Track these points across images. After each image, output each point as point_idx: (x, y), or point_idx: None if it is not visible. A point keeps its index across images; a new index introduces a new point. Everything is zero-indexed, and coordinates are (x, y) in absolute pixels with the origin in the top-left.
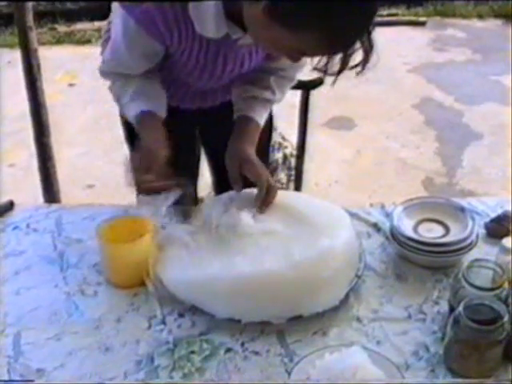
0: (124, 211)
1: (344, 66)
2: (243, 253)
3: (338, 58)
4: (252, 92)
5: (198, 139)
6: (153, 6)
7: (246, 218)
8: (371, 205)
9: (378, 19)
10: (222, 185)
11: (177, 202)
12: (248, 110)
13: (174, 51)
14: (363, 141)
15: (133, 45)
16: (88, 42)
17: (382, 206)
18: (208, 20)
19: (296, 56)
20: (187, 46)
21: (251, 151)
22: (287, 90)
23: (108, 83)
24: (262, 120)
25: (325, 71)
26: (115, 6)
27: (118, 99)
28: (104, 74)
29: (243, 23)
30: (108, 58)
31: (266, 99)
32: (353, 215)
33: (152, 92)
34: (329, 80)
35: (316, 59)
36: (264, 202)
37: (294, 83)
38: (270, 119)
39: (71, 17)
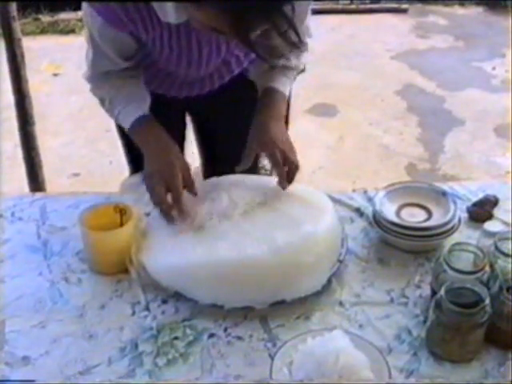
0: (107, 198)
1: (265, 50)
2: (226, 239)
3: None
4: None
5: (186, 125)
6: None
7: (228, 204)
8: (354, 190)
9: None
10: (210, 169)
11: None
12: (268, 81)
13: (146, 41)
14: (346, 127)
15: (106, 40)
16: (72, 31)
17: (365, 191)
18: (167, 6)
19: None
20: (156, 34)
21: (276, 128)
22: (303, 56)
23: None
24: (285, 89)
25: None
26: (84, 6)
27: (110, 111)
28: (89, 80)
29: None
30: (90, 57)
31: (282, 67)
32: (335, 201)
33: (141, 94)
34: (311, 66)
35: None
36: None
37: (306, 50)
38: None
39: (55, 7)
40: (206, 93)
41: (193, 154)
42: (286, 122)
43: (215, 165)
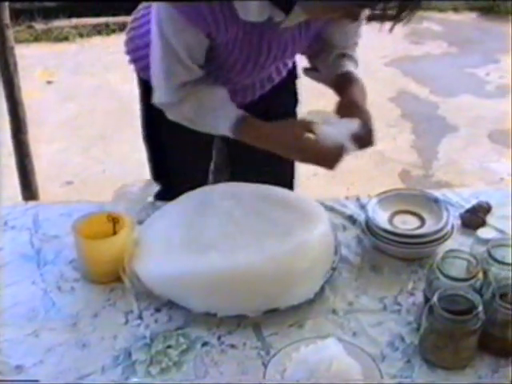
0: (100, 207)
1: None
2: (219, 247)
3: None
4: (336, 52)
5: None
6: None
7: (223, 212)
8: (347, 197)
9: None
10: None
11: (158, 197)
12: (341, 67)
13: (220, 43)
14: None
15: (182, 44)
16: (66, 39)
17: (358, 199)
18: (250, 3)
19: (351, 12)
20: (233, 34)
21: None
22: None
23: None
24: (357, 75)
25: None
26: (158, 11)
27: (201, 127)
28: (172, 101)
29: (285, 6)
30: (164, 68)
31: (347, 55)
32: (328, 208)
33: (223, 98)
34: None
35: None
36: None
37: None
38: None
39: (48, 14)
40: (256, 99)
41: None
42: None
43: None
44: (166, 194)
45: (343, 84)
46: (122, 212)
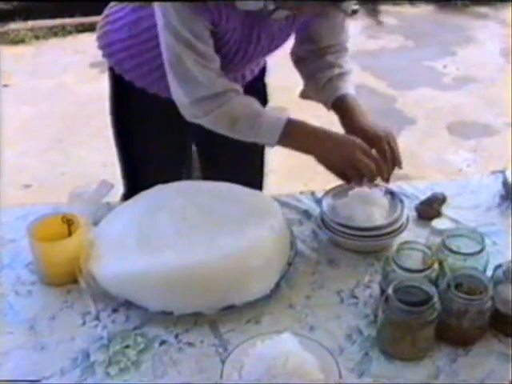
0: (55, 209)
1: None
2: (173, 245)
3: None
4: (323, 77)
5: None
6: None
7: (176, 212)
8: (301, 192)
9: None
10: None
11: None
12: (333, 92)
13: (219, 32)
14: None
15: (192, 33)
16: (22, 41)
17: (312, 193)
18: None
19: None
20: (231, 24)
21: (365, 121)
22: (348, 58)
23: None
24: (352, 91)
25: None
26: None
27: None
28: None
29: None
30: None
31: (338, 74)
32: (283, 203)
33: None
34: None
35: None
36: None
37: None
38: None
39: (4, 17)
40: None
41: None
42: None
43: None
44: (128, 194)
45: (344, 112)
46: (76, 213)
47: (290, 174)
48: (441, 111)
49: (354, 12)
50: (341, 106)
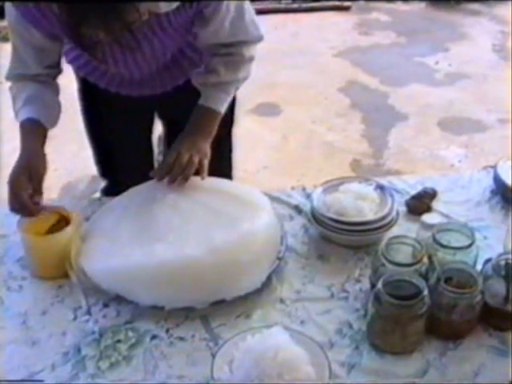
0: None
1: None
2: (164, 240)
3: None
4: (200, 79)
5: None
6: None
7: (168, 206)
8: (293, 188)
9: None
10: None
11: (105, 193)
12: (202, 98)
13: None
14: (290, 126)
15: (19, 35)
16: (4, 39)
17: (303, 189)
18: None
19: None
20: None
21: (200, 144)
22: (242, 68)
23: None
24: (218, 105)
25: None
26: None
27: (13, 106)
28: (7, 79)
29: None
30: (11, 59)
31: (214, 83)
32: (274, 199)
33: (43, 100)
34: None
35: None
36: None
37: (249, 60)
38: (232, 108)
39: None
40: (168, 92)
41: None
42: (231, 123)
43: None
44: (113, 189)
45: (191, 123)
46: (68, 208)
47: (283, 169)
48: (433, 107)
49: (347, 8)
50: (195, 116)
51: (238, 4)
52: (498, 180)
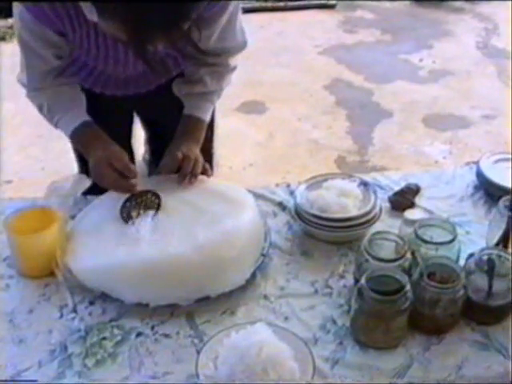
0: (33, 203)
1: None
2: (148, 238)
3: None
4: (185, 89)
5: (133, 121)
6: None
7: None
8: (277, 184)
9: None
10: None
11: (86, 192)
12: (187, 107)
13: (73, 40)
14: (275, 124)
15: (36, 37)
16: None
17: (288, 185)
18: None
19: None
20: (83, 32)
21: (195, 150)
22: (226, 78)
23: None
24: (204, 114)
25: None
26: (14, 6)
27: (49, 118)
28: (29, 86)
29: None
30: (23, 60)
31: (199, 93)
32: (258, 195)
33: (81, 100)
34: (240, 65)
35: None
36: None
37: (232, 70)
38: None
39: None
40: (150, 92)
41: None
42: (211, 128)
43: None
44: (97, 187)
45: (180, 133)
46: (53, 206)
47: (269, 167)
48: (417, 104)
49: (332, 6)
50: (183, 125)
51: (235, 10)
52: (480, 175)
